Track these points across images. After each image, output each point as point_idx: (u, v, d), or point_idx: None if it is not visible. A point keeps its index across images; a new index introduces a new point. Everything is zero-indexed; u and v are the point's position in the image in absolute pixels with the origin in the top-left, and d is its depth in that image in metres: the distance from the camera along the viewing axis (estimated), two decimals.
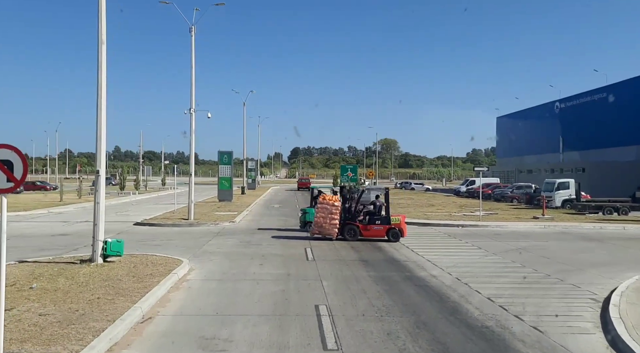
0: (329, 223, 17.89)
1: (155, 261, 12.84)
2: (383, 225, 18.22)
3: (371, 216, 18.48)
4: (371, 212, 18.64)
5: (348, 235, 18.08)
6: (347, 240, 17.89)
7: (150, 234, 19.81)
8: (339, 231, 18.03)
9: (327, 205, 17.98)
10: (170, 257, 13.49)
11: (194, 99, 24.18)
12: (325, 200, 18.16)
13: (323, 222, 17.92)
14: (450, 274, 12.37)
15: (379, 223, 18.27)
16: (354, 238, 18.05)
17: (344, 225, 18.16)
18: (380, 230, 18.20)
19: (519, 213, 30.34)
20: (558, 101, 65.38)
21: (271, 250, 16.04)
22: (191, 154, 24.84)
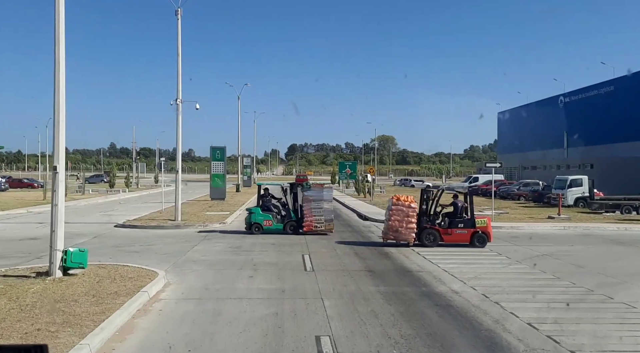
0: (405, 228, 15.81)
1: (126, 274, 10.85)
2: (467, 228, 16.16)
3: (452, 218, 16.37)
4: (451, 214, 16.51)
5: (427, 241, 16.05)
6: (426, 246, 15.81)
7: (131, 237, 17.82)
8: (416, 236, 16.03)
9: (403, 207, 15.88)
10: (144, 268, 11.50)
11: (180, 88, 22.16)
12: (400, 201, 16.03)
13: (399, 226, 15.82)
14: (474, 289, 10.44)
15: (461, 226, 16.20)
16: (433, 243, 16.02)
17: (422, 229, 16.10)
18: (464, 234, 16.16)
19: (530, 212, 28.46)
20: (562, 95, 63.50)
21: (264, 257, 14.08)
22: (178, 149, 22.85)
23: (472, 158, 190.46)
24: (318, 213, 18.42)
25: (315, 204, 18.42)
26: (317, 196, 18.52)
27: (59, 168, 10.77)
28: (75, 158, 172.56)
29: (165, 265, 12.52)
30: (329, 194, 18.82)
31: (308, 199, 18.49)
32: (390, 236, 16.15)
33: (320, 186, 19.36)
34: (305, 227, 18.39)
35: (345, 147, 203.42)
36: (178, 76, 22.28)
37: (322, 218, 18.43)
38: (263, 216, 18.66)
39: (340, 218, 26.20)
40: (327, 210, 18.54)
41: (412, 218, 15.89)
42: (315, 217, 18.39)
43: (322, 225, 18.44)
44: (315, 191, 18.72)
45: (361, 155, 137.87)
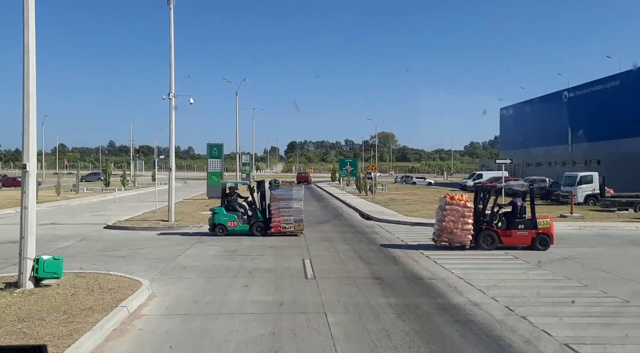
0: (460, 229, 14.59)
1: (106, 284, 9.72)
2: (528, 229, 14.96)
3: (511, 219, 15.17)
4: (510, 214, 15.30)
5: (484, 243, 14.84)
6: (483, 249, 14.63)
7: (119, 240, 16.69)
8: (473, 238, 14.81)
9: (459, 206, 14.65)
10: (127, 277, 10.38)
11: (173, 82, 21.01)
12: (454, 200, 14.77)
13: (454, 227, 14.60)
14: (495, 300, 9.31)
15: (522, 227, 14.99)
16: (491, 246, 14.81)
17: (479, 230, 14.87)
18: (525, 236, 14.96)
19: (539, 210, 27.04)
20: (567, 90, 62.30)
21: (261, 262, 12.94)
22: (171, 146, 21.72)
23: (472, 155, 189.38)
24: (287, 213, 17.25)
25: (284, 203, 17.26)
26: (285, 195, 17.36)
27: (30, 167, 9.66)
28: (74, 156, 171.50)
29: (152, 273, 11.40)
30: (298, 193, 17.65)
31: (276, 198, 17.32)
32: (444, 238, 14.88)
33: (289, 185, 18.15)
34: (273, 228, 17.24)
35: (345, 144, 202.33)
36: (171, 69, 21.14)
37: (291, 218, 17.26)
38: (227, 217, 17.46)
39: (342, 217, 25.08)
40: (296, 210, 17.37)
41: (468, 219, 14.65)
42: (284, 217, 17.22)
43: (291, 226, 17.28)
44: (284, 189, 17.54)
45: (361, 152, 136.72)
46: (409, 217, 23.39)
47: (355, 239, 17.33)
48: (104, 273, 10.82)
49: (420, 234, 18.50)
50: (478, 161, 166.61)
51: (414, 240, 16.78)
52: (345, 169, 55.50)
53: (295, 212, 17.37)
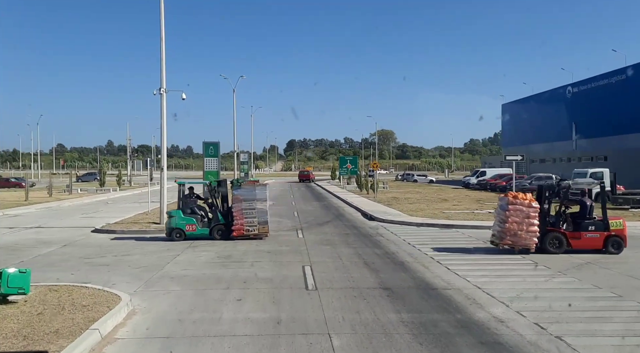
0: (525, 231, 13.36)
1: (80, 299, 8.58)
2: (599, 231, 13.71)
3: (580, 220, 13.96)
4: (578, 215, 14.04)
5: (552, 247, 13.61)
6: (550, 253, 13.42)
7: (105, 246, 15.55)
8: (538, 241, 13.58)
9: (523, 206, 13.40)
10: (106, 291, 9.24)
11: (164, 77, 19.86)
12: (518, 200, 13.53)
13: (518, 229, 13.37)
14: (522, 314, 8.18)
15: (592, 229, 13.75)
16: (559, 250, 13.58)
17: (545, 232, 13.62)
18: (596, 238, 13.70)
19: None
20: (570, 85, 61.15)
21: (257, 270, 11.81)
22: (163, 143, 20.58)
23: (472, 152, 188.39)
24: (250, 214, 16.10)
25: (246, 204, 16.07)
26: (248, 196, 16.16)
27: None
28: (72, 156, 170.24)
29: (135, 284, 10.27)
30: (262, 193, 16.44)
31: (238, 199, 16.15)
32: (507, 241, 13.62)
33: (252, 184, 16.94)
34: (235, 231, 16.08)
35: (345, 142, 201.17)
36: (162, 63, 19.98)
37: (254, 220, 16.10)
38: (185, 220, 16.23)
39: (344, 218, 23.95)
40: (260, 211, 16.23)
41: (534, 220, 13.43)
42: (246, 219, 16.06)
43: (255, 228, 16.16)
44: (246, 189, 16.32)
45: (361, 150, 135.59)
46: (414, 217, 22.26)
47: (359, 242, 16.20)
48: (80, 285, 9.68)
49: (427, 236, 17.38)
50: (479, 158, 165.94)
51: (421, 243, 15.66)
52: (345, 167, 54.36)
53: (259, 213, 16.20)
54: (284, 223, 21.21)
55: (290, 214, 24.97)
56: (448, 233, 18.19)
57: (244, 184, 16.65)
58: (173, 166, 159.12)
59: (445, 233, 18.06)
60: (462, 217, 22.04)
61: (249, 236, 16.19)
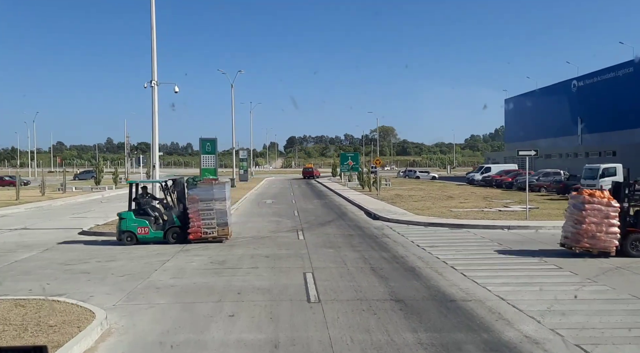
0: (605, 232, 12.23)
1: (47, 318, 7.44)
2: None
3: None
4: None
5: (634, 250, 12.45)
6: (632, 256, 12.26)
7: (90, 250, 14.41)
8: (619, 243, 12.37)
9: (602, 205, 12.30)
10: (80, 306, 8.11)
11: (155, 68, 18.70)
12: (595, 198, 12.41)
13: (596, 230, 12.24)
14: (558, 333, 7.05)
15: None
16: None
17: (626, 234, 12.43)
18: None
19: (561, 206, 24.93)
20: (575, 79, 60.01)
21: (253, 278, 10.67)
22: (154, 139, 19.39)
23: (473, 148, 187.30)
24: (208, 215, 14.96)
25: (203, 205, 14.91)
26: (205, 195, 14.98)
27: None
28: (71, 154, 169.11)
29: (115, 297, 9.13)
30: (221, 192, 15.22)
31: (194, 199, 14.95)
32: (585, 243, 12.40)
33: (209, 182, 15.75)
34: (191, 234, 14.93)
35: (345, 138, 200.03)
36: (152, 54, 18.83)
37: (213, 221, 14.99)
38: (137, 222, 15.02)
39: (347, 216, 22.82)
40: (219, 211, 15.07)
41: (614, 220, 12.29)
42: (204, 221, 14.94)
43: (213, 231, 15.04)
44: (203, 188, 15.11)
45: (361, 147, 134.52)
46: (421, 216, 21.11)
47: (364, 244, 15.06)
48: (52, 299, 8.53)
49: (437, 237, 16.25)
50: (479, 154, 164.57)
51: (431, 245, 14.52)
52: (346, 164, 53.28)
53: (218, 214, 15.04)
54: (284, 224, 20.08)
55: (290, 214, 23.84)
56: (459, 233, 17.05)
57: (200, 183, 15.37)
58: (172, 163, 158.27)
59: (455, 234, 16.92)
60: (471, 216, 20.90)
61: (207, 239, 14.95)
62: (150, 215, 15.34)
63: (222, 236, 15.24)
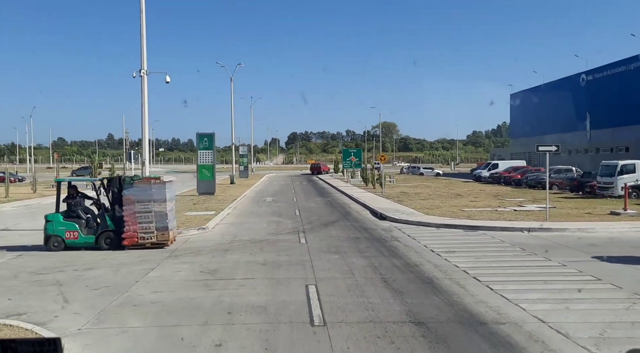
0: None
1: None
2: None
3: None
4: None
5: None
6: None
7: (68, 256, 12.96)
8: None
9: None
10: (35, 332, 6.71)
11: (145, 56, 17.28)
12: None
13: None
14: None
15: None
16: None
17: None
18: None
19: (579, 205, 23.62)
20: (584, 73, 58.40)
21: (247, 292, 9.25)
22: (143, 133, 17.99)
23: (475, 144, 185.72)
24: (145, 218, 13.47)
25: (140, 206, 13.44)
26: (142, 196, 13.49)
27: None
28: (71, 150, 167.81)
29: (84, 317, 7.73)
30: (160, 193, 13.67)
31: (130, 200, 13.44)
32: None
33: (148, 181, 14.13)
34: (126, 239, 13.44)
35: (347, 134, 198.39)
36: (142, 41, 17.38)
37: (151, 225, 13.49)
38: (66, 226, 13.51)
39: (351, 216, 21.39)
40: (158, 214, 13.56)
41: None
42: (140, 225, 13.45)
43: (151, 236, 13.53)
44: (140, 188, 13.58)
45: (363, 143, 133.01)
46: (431, 216, 19.69)
47: (372, 249, 13.64)
48: (4, 323, 7.13)
49: (451, 240, 14.85)
50: (482, 150, 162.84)
51: (447, 250, 13.10)
52: (349, 160, 51.81)
53: (157, 217, 13.54)
54: (284, 225, 18.67)
55: (291, 213, 22.43)
56: (474, 236, 15.63)
57: (137, 182, 13.85)
58: (173, 159, 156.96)
59: (471, 237, 15.51)
60: (485, 216, 19.45)
61: (145, 245, 13.46)
62: (81, 218, 13.72)
63: (162, 242, 13.65)
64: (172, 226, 14.21)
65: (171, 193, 14.35)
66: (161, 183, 14.04)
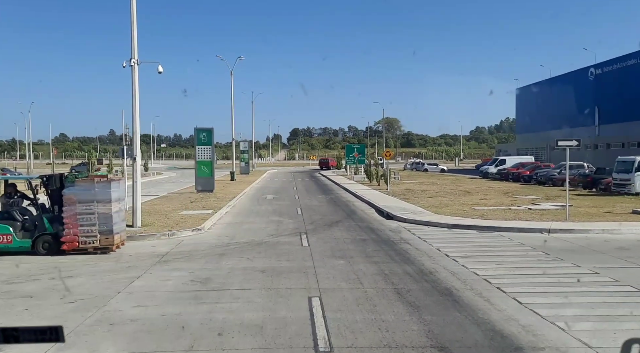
0: None
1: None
2: None
3: None
4: None
5: None
6: None
7: (50, 261, 11.84)
8: None
9: None
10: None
11: (135, 43, 16.10)
12: None
13: None
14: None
15: None
16: None
17: None
18: None
19: (595, 203, 22.46)
20: (593, 67, 57.03)
21: (242, 307, 8.10)
22: (135, 127, 16.84)
23: (478, 139, 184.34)
24: (87, 221, 12.22)
25: (83, 207, 12.20)
26: (84, 196, 12.22)
27: None
28: (72, 146, 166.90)
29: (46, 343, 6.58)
30: (105, 192, 12.38)
31: (71, 200, 12.20)
32: None
33: (91, 180, 12.88)
34: (66, 243, 12.22)
35: (349, 130, 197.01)
36: (132, 27, 16.20)
37: (94, 228, 12.25)
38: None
39: (356, 215, 20.25)
40: (103, 216, 12.31)
41: None
42: (82, 227, 12.21)
43: (94, 240, 12.28)
44: (82, 187, 12.30)
45: (365, 139, 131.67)
46: (441, 215, 18.53)
47: (381, 253, 12.50)
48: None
49: (466, 243, 13.71)
50: (485, 146, 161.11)
51: (463, 255, 11.95)
52: (352, 156, 50.72)
53: (101, 219, 12.29)
54: (285, 225, 17.53)
55: (292, 212, 21.29)
56: (490, 238, 14.47)
57: (80, 181, 12.61)
58: (174, 155, 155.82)
59: (486, 239, 14.36)
60: (499, 216, 18.28)
61: (87, 249, 12.25)
62: (16, 220, 12.43)
63: (106, 247, 12.41)
64: (120, 229, 12.90)
65: (119, 193, 13.05)
66: (106, 182, 12.83)
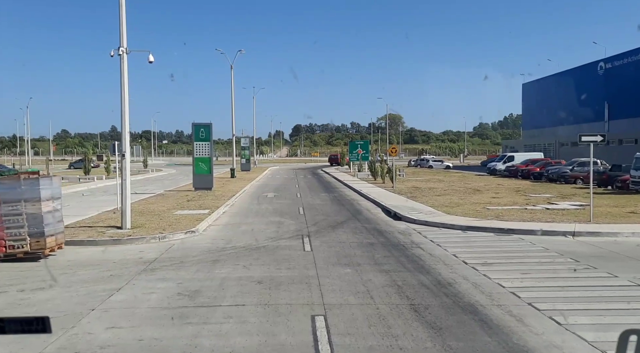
0: None
1: None
2: None
3: None
4: None
5: None
6: None
7: (25, 269, 10.68)
8: None
9: None
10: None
11: (124, 30, 14.88)
12: None
13: None
14: None
15: None
16: None
17: None
18: None
19: (615, 202, 21.27)
20: (603, 61, 55.60)
21: (233, 330, 6.91)
22: (124, 121, 15.61)
23: (482, 136, 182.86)
24: (15, 222, 11.05)
25: (8, 208, 11.03)
26: (10, 195, 11.07)
27: None
28: (73, 142, 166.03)
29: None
30: (33, 191, 11.22)
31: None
32: None
33: (17, 177, 11.75)
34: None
35: (351, 127, 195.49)
36: (120, 12, 14.98)
37: (22, 231, 11.05)
38: None
39: (362, 215, 19.05)
40: (33, 217, 11.14)
41: None
42: (9, 230, 11.02)
43: (23, 244, 11.09)
44: (7, 185, 11.21)
45: (368, 135, 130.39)
46: (453, 216, 17.32)
47: (392, 259, 11.30)
48: None
49: (484, 247, 12.51)
50: (489, 142, 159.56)
51: (482, 262, 10.75)
52: (355, 152, 49.40)
53: (31, 221, 11.10)
54: (286, 226, 16.34)
55: (294, 212, 20.11)
56: (510, 242, 13.27)
57: (3, 178, 11.49)
58: (175, 152, 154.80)
59: (506, 242, 13.16)
60: (516, 216, 17.05)
61: (15, 255, 11.03)
62: None
63: (37, 250, 11.22)
64: (55, 230, 11.64)
65: (51, 191, 11.75)
66: (34, 179, 11.55)
